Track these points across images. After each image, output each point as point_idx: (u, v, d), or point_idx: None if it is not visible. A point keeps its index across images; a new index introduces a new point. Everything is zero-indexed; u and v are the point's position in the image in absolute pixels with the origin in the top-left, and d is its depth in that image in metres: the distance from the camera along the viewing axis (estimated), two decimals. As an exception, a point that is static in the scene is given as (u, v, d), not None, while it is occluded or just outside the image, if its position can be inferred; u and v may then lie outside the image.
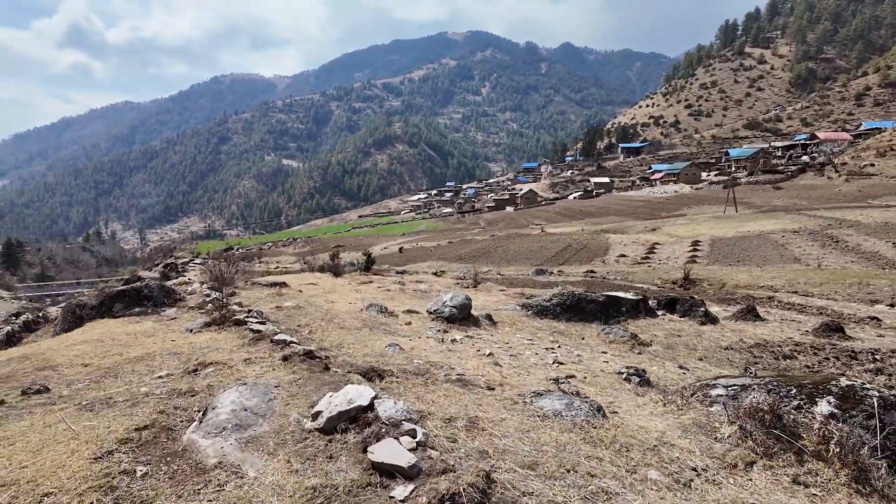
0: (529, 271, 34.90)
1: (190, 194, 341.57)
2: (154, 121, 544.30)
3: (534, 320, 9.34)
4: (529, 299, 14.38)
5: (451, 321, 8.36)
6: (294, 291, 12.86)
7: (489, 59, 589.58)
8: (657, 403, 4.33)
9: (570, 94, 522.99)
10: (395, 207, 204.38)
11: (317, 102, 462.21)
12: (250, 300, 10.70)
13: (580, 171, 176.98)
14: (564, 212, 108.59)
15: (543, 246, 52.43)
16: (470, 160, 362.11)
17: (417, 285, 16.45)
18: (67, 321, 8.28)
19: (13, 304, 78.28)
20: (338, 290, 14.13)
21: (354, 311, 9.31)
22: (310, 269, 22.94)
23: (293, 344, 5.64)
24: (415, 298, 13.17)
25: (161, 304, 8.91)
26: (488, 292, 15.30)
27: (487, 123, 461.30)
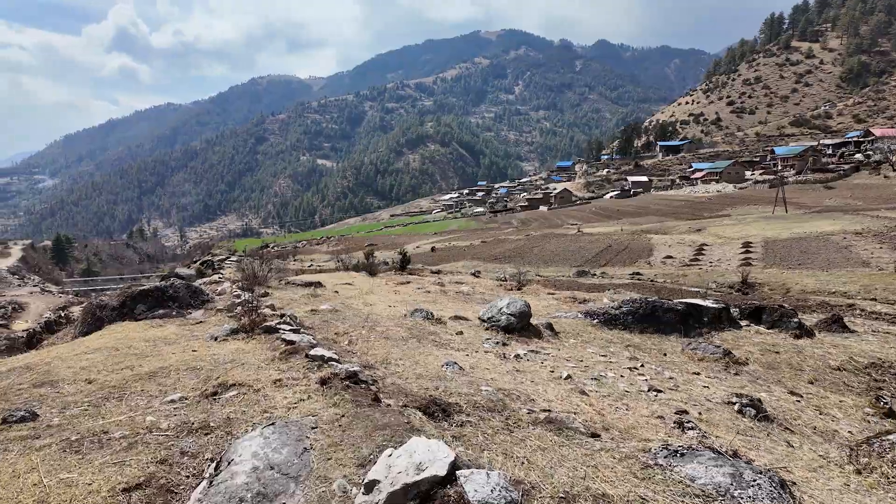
0: (570, 272, 33.39)
1: (228, 193, 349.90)
2: (194, 122, 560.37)
3: (602, 331, 8.13)
4: (585, 304, 13.13)
5: (509, 331, 7.25)
6: (330, 292, 11.96)
7: (522, 57, 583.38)
8: (842, 467, 3.13)
9: (606, 92, 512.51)
10: (427, 207, 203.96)
11: (350, 103, 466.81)
12: (283, 302, 9.83)
13: (617, 170, 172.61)
14: (601, 211, 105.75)
15: (582, 246, 50.60)
16: (502, 159, 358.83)
17: (458, 287, 15.35)
18: (87, 323, 7.60)
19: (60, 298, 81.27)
20: (375, 291, 13.20)
21: (397, 317, 8.30)
22: (344, 268, 22.20)
23: (332, 362, 4.65)
24: (458, 301, 12.08)
25: (187, 306, 8.14)
26: (536, 295, 14.06)
27: (520, 122, 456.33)
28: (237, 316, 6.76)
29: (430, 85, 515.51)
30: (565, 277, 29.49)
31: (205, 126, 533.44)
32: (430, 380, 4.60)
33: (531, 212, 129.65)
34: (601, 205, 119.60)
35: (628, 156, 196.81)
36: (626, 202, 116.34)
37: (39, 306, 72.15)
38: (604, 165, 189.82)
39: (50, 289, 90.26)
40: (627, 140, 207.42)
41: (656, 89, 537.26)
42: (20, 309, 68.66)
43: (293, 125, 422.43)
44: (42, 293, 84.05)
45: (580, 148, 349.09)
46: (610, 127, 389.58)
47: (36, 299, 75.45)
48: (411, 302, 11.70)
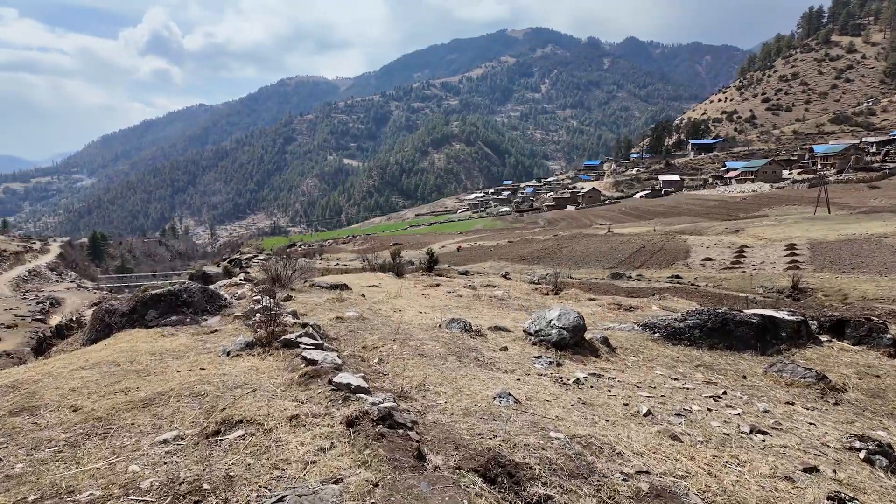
0: (603, 274, 32.06)
1: (257, 192, 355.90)
2: (225, 122, 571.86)
3: (664, 347, 7.11)
4: (631, 311, 12.04)
5: (561, 347, 6.31)
6: (356, 296, 11.18)
7: (549, 55, 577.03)
8: None
9: (635, 90, 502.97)
10: (452, 206, 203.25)
11: (377, 103, 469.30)
12: (307, 307, 9.07)
13: (647, 169, 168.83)
14: (631, 211, 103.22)
15: (613, 247, 48.98)
16: (528, 158, 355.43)
17: (491, 290, 14.40)
18: (95, 329, 6.99)
19: (94, 294, 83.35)
20: (404, 295, 12.38)
21: (430, 327, 7.44)
22: (371, 269, 21.51)
23: (361, 394, 3.80)
24: (494, 308, 11.15)
25: (202, 312, 7.45)
26: (577, 301, 13.03)
27: (546, 121, 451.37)
28: (254, 326, 6.00)
29: (456, 84, 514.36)
30: (599, 280, 28.23)
31: (235, 126, 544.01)
32: (481, 418, 3.71)
33: (558, 211, 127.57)
34: (631, 204, 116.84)
35: (659, 154, 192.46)
36: (658, 202, 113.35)
37: (75, 302, 74.03)
38: (633, 164, 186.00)
39: (86, 285, 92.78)
40: (658, 138, 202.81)
41: (687, 87, 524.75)
42: (57, 304, 70.54)
43: (320, 125, 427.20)
44: (78, 289, 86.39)
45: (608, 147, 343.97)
46: (639, 125, 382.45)
47: (72, 295, 77.51)
48: (442, 307, 10.84)
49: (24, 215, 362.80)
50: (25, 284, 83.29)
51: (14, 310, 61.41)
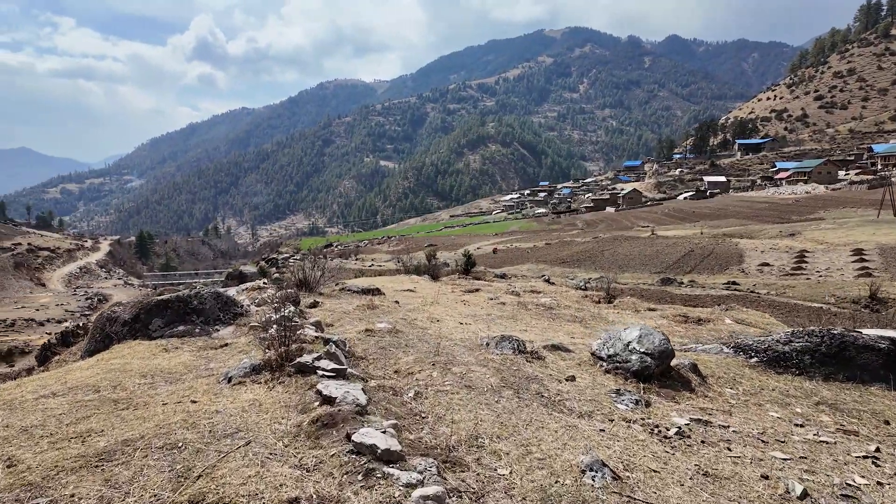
0: (652, 280, 30.11)
1: (296, 193, 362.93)
2: (266, 125, 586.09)
3: (766, 376, 5.70)
4: (700, 325, 10.55)
5: (643, 378, 5.01)
6: (389, 302, 10.08)
7: (588, 54, 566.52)
8: None
9: (677, 89, 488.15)
10: (487, 207, 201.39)
11: (413, 105, 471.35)
12: (334, 315, 8.03)
13: (690, 170, 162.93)
14: (674, 213, 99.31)
15: (659, 251, 46.56)
16: (565, 159, 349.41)
17: (536, 297, 13.07)
18: (95, 339, 6.16)
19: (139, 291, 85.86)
20: (441, 301, 11.23)
21: (475, 344, 6.27)
22: (405, 271, 20.51)
23: (391, 466, 2.64)
24: (543, 319, 9.86)
25: (214, 321, 6.51)
26: (635, 312, 11.57)
27: (584, 121, 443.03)
28: (267, 342, 4.95)
29: (493, 85, 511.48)
30: (649, 286, 26.40)
31: (276, 129, 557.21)
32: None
33: (597, 213, 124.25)
34: (674, 206, 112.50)
35: (703, 155, 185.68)
36: (703, 203, 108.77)
37: (121, 298, 76.36)
38: (676, 165, 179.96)
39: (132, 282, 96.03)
40: (702, 138, 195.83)
41: (732, 85, 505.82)
42: (104, 301, 72.95)
43: (358, 127, 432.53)
44: (125, 286, 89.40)
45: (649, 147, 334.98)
46: (681, 125, 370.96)
47: (118, 291, 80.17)
48: (485, 317, 9.63)
49: (78, 214, 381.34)
50: (76, 280, 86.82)
51: (64, 305, 63.78)
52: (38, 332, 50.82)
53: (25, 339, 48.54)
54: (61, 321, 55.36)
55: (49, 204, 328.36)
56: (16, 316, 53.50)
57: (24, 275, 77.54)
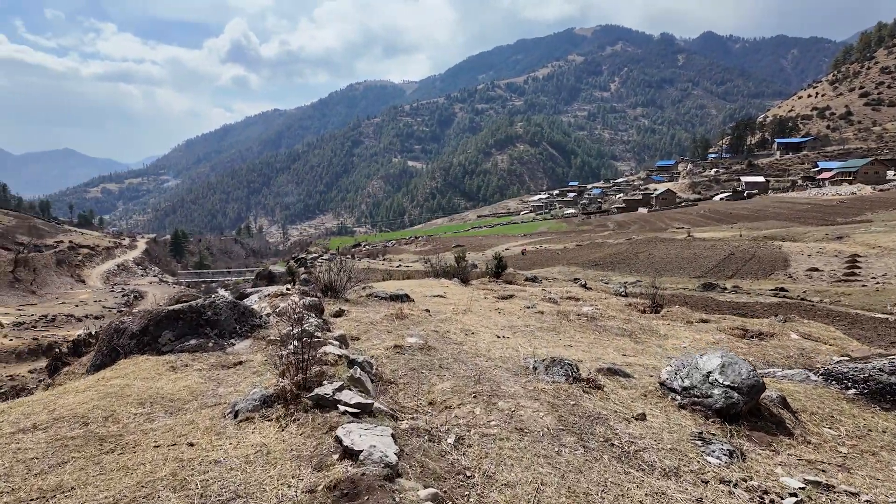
0: (692, 285, 28.66)
1: (326, 193, 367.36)
2: (297, 126, 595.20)
3: (871, 413, 4.75)
4: (763, 340, 9.50)
5: (729, 417, 4.15)
6: (419, 311, 9.37)
7: (619, 53, 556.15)
8: None
9: (711, 87, 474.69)
10: (515, 208, 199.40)
11: (441, 105, 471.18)
12: (360, 327, 7.36)
13: (727, 170, 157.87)
14: (711, 214, 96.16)
15: (697, 254, 44.73)
16: (595, 159, 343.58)
17: (577, 306, 12.16)
18: (101, 353, 5.64)
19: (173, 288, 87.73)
20: (474, 309, 10.47)
21: (519, 367, 5.50)
22: (434, 274, 19.82)
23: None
24: (588, 332, 8.99)
25: (230, 334, 5.92)
26: (687, 324, 10.57)
27: (615, 120, 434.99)
28: (283, 365, 4.28)
29: (521, 85, 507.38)
30: (690, 291, 25.05)
31: (307, 130, 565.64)
32: None
33: (629, 214, 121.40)
34: (710, 207, 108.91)
35: (740, 154, 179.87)
36: (740, 204, 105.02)
37: (156, 295, 78.23)
38: (711, 165, 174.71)
39: (166, 279, 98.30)
40: (739, 137, 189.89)
41: (770, 83, 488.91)
42: (140, 297, 74.75)
43: (386, 128, 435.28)
44: (160, 283, 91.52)
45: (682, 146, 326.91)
46: (716, 124, 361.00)
47: (153, 289, 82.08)
48: (523, 329, 8.83)
49: (117, 213, 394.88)
50: (114, 277, 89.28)
51: (102, 301, 65.50)
52: (76, 328, 52.08)
53: (65, 334, 49.77)
54: (98, 317, 56.77)
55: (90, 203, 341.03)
56: (56, 311, 55.04)
57: (66, 271, 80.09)
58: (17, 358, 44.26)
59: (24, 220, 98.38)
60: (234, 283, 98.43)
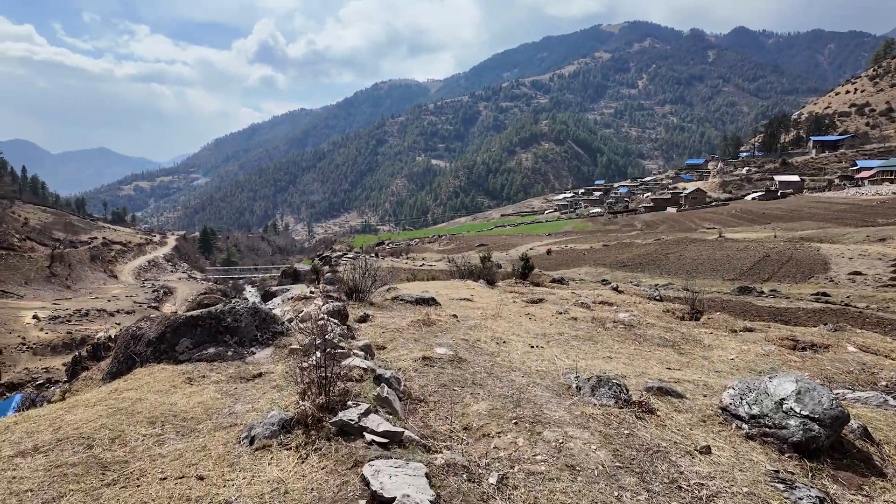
0: (726, 288, 27.56)
1: (350, 192, 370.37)
2: (323, 125, 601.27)
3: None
4: (817, 352, 8.80)
5: (808, 452, 3.62)
6: (446, 316, 8.96)
7: (647, 49, 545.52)
8: None
9: (743, 84, 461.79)
10: (539, 206, 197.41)
11: (465, 104, 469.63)
12: (386, 335, 6.99)
13: (759, 169, 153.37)
14: (742, 214, 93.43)
15: (729, 255, 43.22)
16: (621, 157, 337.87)
17: (611, 311, 11.59)
18: (118, 360, 5.39)
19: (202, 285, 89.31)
20: (503, 314, 10.02)
21: (559, 383, 5.04)
22: (459, 275, 19.39)
23: None
24: (628, 342, 8.47)
25: (251, 342, 5.61)
26: (732, 333, 9.92)
27: (643, 118, 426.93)
28: (303, 387, 3.91)
29: (546, 82, 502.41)
30: (725, 295, 24.02)
31: (332, 129, 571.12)
32: None
33: (657, 213, 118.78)
34: (742, 207, 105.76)
35: (773, 153, 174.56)
36: (774, 204, 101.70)
37: (185, 291, 79.75)
38: (743, 163, 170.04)
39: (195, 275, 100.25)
40: (772, 135, 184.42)
41: (805, 79, 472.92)
42: (169, 293, 76.28)
43: (410, 127, 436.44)
44: (188, 279, 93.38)
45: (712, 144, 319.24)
46: (747, 122, 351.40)
47: (183, 285, 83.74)
48: (557, 337, 8.35)
49: (149, 211, 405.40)
50: (145, 273, 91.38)
51: (133, 297, 67.02)
52: (108, 322, 53.36)
53: (97, 328, 51.03)
54: (129, 312, 58.09)
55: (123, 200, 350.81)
56: (90, 306, 56.43)
57: (99, 267, 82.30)
58: (51, 351, 45.55)
59: (61, 217, 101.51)
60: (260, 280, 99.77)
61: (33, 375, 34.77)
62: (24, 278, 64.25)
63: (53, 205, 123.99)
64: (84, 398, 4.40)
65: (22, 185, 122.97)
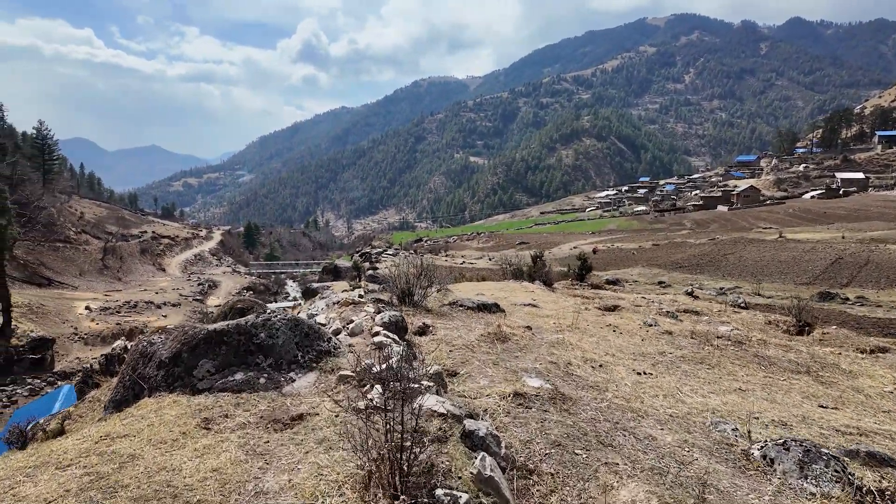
0: (802, 293, 24.90)
1: (389, 189, 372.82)
2: (363, 123, 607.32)
3: None
4: None
5: None
6: (519, 328, 7.49)
7: (695, 42, 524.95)
8: None
9: (798, 77, 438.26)
10: (580, 204, 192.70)
11: (505, 100, 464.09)
12: (454, 355, 5.60)
13: (818, 165, 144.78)
14: (801, 214, 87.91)
15: (796, 257, 39.93)
16: (666, 154, 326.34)
17: (707, 324, 9.87)
18: (123, 385, 4.18)
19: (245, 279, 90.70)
20: (581, 326, 8.47)
21: (715, 441, 3.54)
22: (512, 275, 17.88)
23: None
24: (751, 366, 6.82)
25: (289, 364, 4.31)
26: (860, 353, 8.07)
27: (689, 113, 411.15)
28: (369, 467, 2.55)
29: (589, 77, 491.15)
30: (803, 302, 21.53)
31: (372, 127, 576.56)
32: None
33: (707, 212, 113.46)
34: (800, 206, 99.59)
35: (833, 149, 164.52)
36: (836, 203, 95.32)
37: (229, 285, 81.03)
38: (799, 160, 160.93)
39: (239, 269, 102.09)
40: (832, 130, 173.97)
41: (867, 71, 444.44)
42: (214, 286, 77.62)
43: (449, 124, 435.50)
44: (232, 273, 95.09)
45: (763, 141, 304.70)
46: (802, 116, 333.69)
47: (227, 279, 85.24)
48: (658, 357, 6.80)
49: (196, 206, 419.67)
50: (191, 267, 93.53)
51: (179, 290, 68.39)
52: (155, 314, 54.34)
53: (145, 320, 51.98)
54: (176, 304, 59.08)
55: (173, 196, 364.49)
56: (138, 298, 57.61)
57: (148, 260, 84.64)
58: (101, 341, 46.54)
59: (114, 212, 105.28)
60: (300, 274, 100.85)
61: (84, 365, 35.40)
62: (79, 270, 66.41)
63: (108, 200, 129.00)
64: (65, 445, 3.22)
65: (80, 182, 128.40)
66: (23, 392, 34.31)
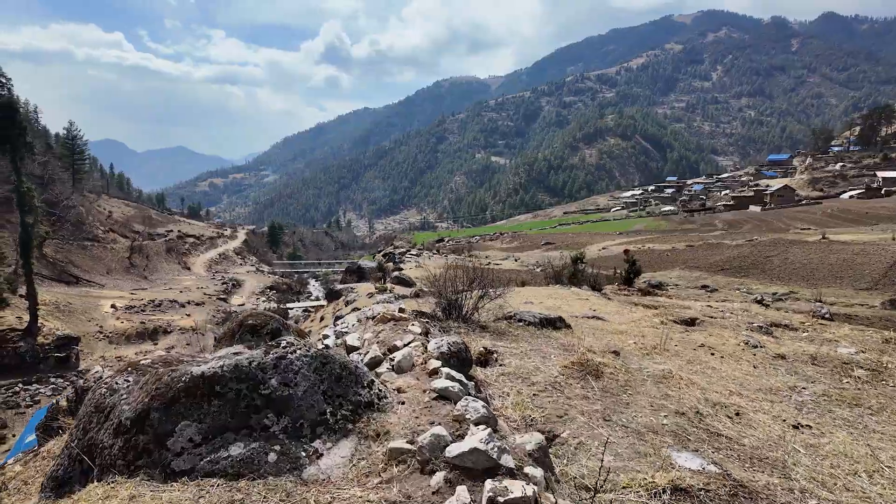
0: (868, 300, 22.70)
1: (410, 189, 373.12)
2: (385, 124, 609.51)
3: None
4: None
5: None
6: (602, 352, 5.88)
7: (723, 39, 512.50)
8: None
9: (831, 74, 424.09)
10: (605, 204, 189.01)
11: (527, 99, 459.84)
12: (539, 399, 4.06)
13: (855, 164, 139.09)
14: (840, 214, 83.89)
15: (846, 259, 37.24)
16: (693, 153, 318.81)
17: (813, 343, 8.09)
18: (69, 456, 2.70)
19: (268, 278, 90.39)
20: (671, 349, 6.83)
21: None
22: (556, 279, 16.27)
23: None
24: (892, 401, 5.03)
25: (314, 429, 2.81)
26: None
27: (717, 112, 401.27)
28: None
29: (613, 76, 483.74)
30: (871, 310, 19.42)
31: (393, 127, 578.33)
32: None
33: (738, 212, 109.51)
34: (838, 206, 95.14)
35: (871, 147, 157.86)
36: (877, 203, 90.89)
37: (252, 284, 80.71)
38: (835, 158, 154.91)
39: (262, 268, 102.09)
40: (871, 127, 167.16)
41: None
42: (238, 285, 77.37)
43: (470, 124, 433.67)
44: (256, 272, 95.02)
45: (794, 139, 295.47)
46: (836, 114, 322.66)
47: (250, 278, 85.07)
48: (791, 394, 5.11)
49: (222, 206, 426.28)
50: (216, 266, 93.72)
51: (204, 288, 68.20)
52: (179, 313, 53.94)
53: (168, 318, 51.57)
54: (199, 303, 58.70)
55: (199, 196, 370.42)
56: (163, 297, 57.36)
57: (173, 258, 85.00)
58: (126, 340, 46.16)
59: (142, 211, 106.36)
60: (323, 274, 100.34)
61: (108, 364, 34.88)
62: (106, 268, 66.68)
63: (136, 200, 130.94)
64: None
65: (109, 182, 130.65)
66: (45, 391, 33.90)
